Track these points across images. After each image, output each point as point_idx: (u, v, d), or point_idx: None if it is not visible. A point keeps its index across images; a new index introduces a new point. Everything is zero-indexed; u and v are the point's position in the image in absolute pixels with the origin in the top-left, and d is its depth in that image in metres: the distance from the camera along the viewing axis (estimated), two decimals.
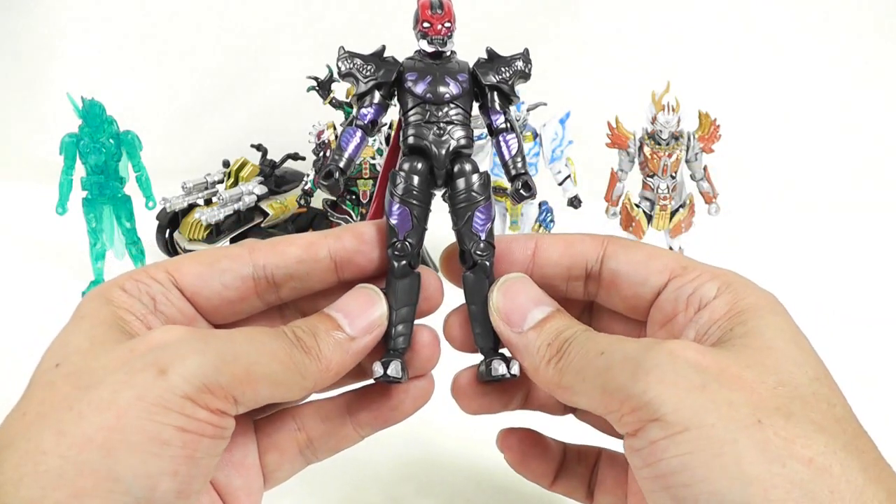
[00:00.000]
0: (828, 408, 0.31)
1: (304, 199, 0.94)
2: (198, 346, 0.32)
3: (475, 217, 0.40)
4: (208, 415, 0.31)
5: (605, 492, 0.43)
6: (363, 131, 0.42)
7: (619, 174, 0.91)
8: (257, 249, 0.39)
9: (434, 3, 0.42)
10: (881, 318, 0.85)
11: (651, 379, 0.31)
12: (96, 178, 0.88)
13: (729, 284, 0.36)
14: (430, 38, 0.41)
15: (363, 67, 0.42)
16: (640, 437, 0.31)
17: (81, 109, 0.86)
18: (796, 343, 0.33)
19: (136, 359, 0.31)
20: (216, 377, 0.31)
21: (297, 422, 0.42)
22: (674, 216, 0.90)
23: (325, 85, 0.90)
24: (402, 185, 0.40)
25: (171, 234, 1.00)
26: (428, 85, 0.41)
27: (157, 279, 0.37)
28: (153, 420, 0.30)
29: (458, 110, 0.41)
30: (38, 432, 0.30)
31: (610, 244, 0.40)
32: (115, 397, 0.30)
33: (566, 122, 0.91)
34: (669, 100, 0.85)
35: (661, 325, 0.38)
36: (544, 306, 0.38)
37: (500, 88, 0.42)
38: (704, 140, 0.88)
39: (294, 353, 0.35)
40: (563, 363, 0.35)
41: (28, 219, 1.15)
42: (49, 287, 0.95)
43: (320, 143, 0.91)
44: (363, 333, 0.37)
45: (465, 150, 0.41)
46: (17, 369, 0.79)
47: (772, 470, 0.28)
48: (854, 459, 0.29)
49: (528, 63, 0.43)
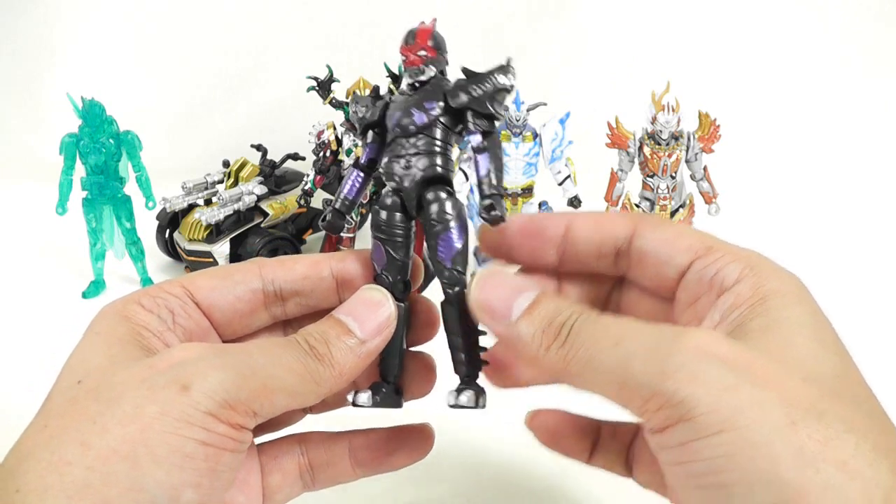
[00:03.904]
0: (855, 405, 0.31)
1: (303, 199, 0.94)
2: (217, 362, 0.33)
3: (438, 245, 0.39)
4: (229, 429, 0.32)
5: (644, 466, 0.43)
6: (362, 172, 0.43)
7: (619, 174, 0.91)
8: (266, 265, 0.41)
9: (407, 35, 0.42)
10: (881, 318, 0.85)
11: (681, 377, 0.30)
12: (96, 178, 0.89)
13: (752, 267, 0.36)
14: (408, 71, 0.42)
15: (359, 110, 0.43)
16: (670, 435, 0.31)
17: (81, 109, 0.86)
18: (819, 336, 0.33)
19: (158, 375, 0.32)
20: (236, 393, 0.32)
21: (302, 447, 0.43)
22: (674, 216, 0.90)
23: (325, 85, 0.90)
24: (374, 220, 0.41)
25: (171, 234, 1.00)
26: (396, 119, 0.41)
27: (173, 293, 0.39)
28: (177, 434, 0.31)
29: (425, 139, 0.40)
30: (61, 444, 0.30)
31: (640, 222, 0.40)
32: (138, 411, 0.31)
33: (566, 122, 0.91)
34: (669, 100, 0.85)
35: (688, 305, 0.38)
36: (528, 292, 0.37)
37: (471, 109, 0.40)
38: (704, 140, 0.88)
39: (308, 361, 0.35)
40: (567, 351, 0.34)
41: (28, 219, 1.15)
42: (49, 287, 0.95)
43: (320, 143, 0.91)
44: (373, 336, 0.38)
45: (438, 178, 0.40)
46: (17, 369, 0.79)
47: (806, 475, 0.28)
48: (883, 459, 0.29)
49: (508, 73, 0.40)
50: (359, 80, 0.89)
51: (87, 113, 0.86)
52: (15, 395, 0.71)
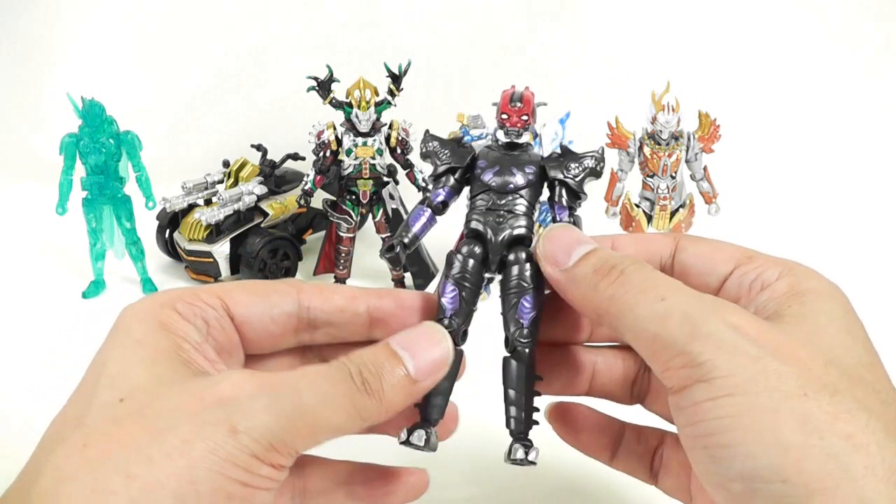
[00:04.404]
0: (873, 391, 0.32)
1: (303, 199, 0.94)
2: (267, 403, 0.32)
3: (521, 304, 0.40)
4: (271, 470, 0.32)
5: (670, 474, 0.44)
6: (433, 211, 0.44)
7: (619, 174, 0.91)
8: (304, 290, 0.41)
9: (515, 96, 0.44)
10: (882, 317, 0.85)
11: (709, 343, 0.32)
12: (96, 178, 0.89)
13: (791, 269, 0.37)
14: (506, 130, 0.43)
15: (441, 151, 0.44)
16: (685, 395, 0.32)
17: (81, 109, 0.86)
18: (848, 329, 0.34)
19: (208, 411, 0.32)
20: (283, 436, 0.32)
21: (301, 469, 0.42)
22: (674, 216, 0.90)
23: (325, 85, 0.90)
24: (458, 266, 0.41)
25: (171, 234, 1.00)
26: (495, 174, 0.42)
27: (210, 304, 0.38)
28: (222, 474, 0.31)
29: (522, 200, 0.42)
30: (106, 472, 0.30)
31: (682, 239, 0.42)
32: (186, 447, 0.30)
33: (566, 122, 0.91)
34: (669, 100, 0.85)
35: None
36: (588, 244, 0.39)
37: (566, 184, 0.43)
38: (704, 140, 0.88)
39: (357, 398, 0.35)
40: (615, 291, 0.35)
41: (28, 219, 1.15)
42: (49, 287, 0.95)
43: (320, 143, 0.91)
44: (426, 376, 0.37)
45: (522, 239, 0.42)
46: (17, 369, 0.79)
47: (809, 441, 0.29)
48: (893, 441, 0.29)
49: (601, 162, 0.44)
50: (359, 80, 0.89)
51: (87, 113, 0.86)
52: (15, 394, 0.71)
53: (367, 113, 0.88)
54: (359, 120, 0.89)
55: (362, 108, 0.88)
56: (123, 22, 1.44)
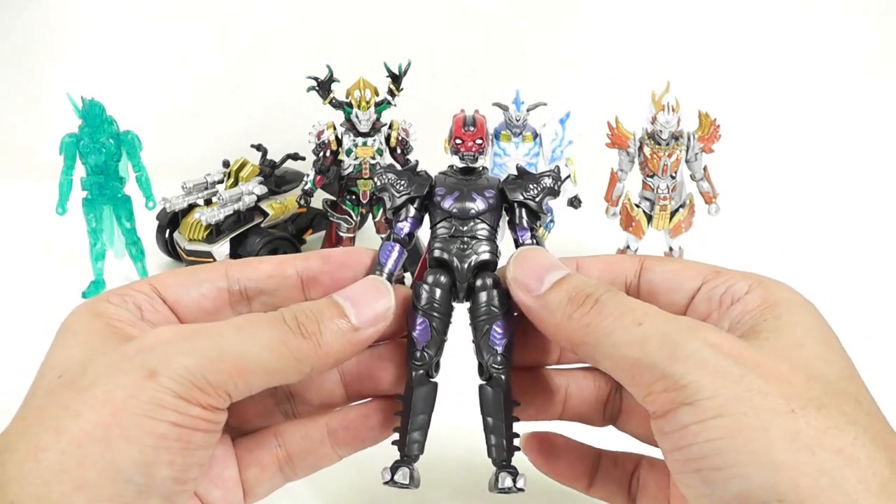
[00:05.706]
0: (857, 403, 0.32)
1: (303, 199, 0.94)
2: (184, 346, 0.33)
3: (493, 331, 0.40)
4: (201, 411, 0.33)
5: (648, 496, 0.44)
6: (401, 245, 0.43)
7: (619, 174, 0.91)
8: (232, 265, 0.42)
9: (467, 120, 0.44)
10: (881, 317, 0.85)
11: (690, 364, 0.32)
12: (96, 178, 0.89)
13: (761, 282, 0.38)
14: (461, 154, 0.43)
15: (397, 182, 0.43)
16: (670, 419, 0.32)
17: (81, 109, 0.86)
18: (826, 341, 0.34)
19: (126, 360, 0.33)
20: (204, 375, 0.33)
21: (279, 439, 0.43)
22: (674, 216, 0.90)
23: (325, 85, 0.90)
24: (426, 297, 0.41)
25: (171, 234, 1.00)
26: (455, 200, 0.42)
27: (141, 291, 0.40)
28: (148, 416, 0.31)
29: (484, 225, 0.42)
30: (37, 432, 0.31)
31: (646, 259, 0.42)
32: (109, 396, 0.32)
33: (566, 122, 0.91)
34: (669, 100, 0.85)
35: None
36: (559, 269, 0.39)
37: (527, 205, 0.42)
38: (704, 140, 0.88)
39: (290, 339, 0.35)
40: (591, 321, 0.35)
41: (28, 219, 1.15)
42: (49, 287, 0.95)
43: (320, 143, 0.91)
44: (368, 325, 0.38)
45: (488, 264, 0.41)
46: (17, 369, 0.79)
47: (801, 458, 0.29)
48: (881, 452, 0.29)
49: (558, 180, 0.43)
50: (359, 80, 0.89)
51: (87, 113, 0.86)
52: (15, 395, 0.71)
53: (367, 113, 0.89)
54: (359, 120, 0.89)
55: (362, 108, 0.88)
56: (123, 22, 1.44)
